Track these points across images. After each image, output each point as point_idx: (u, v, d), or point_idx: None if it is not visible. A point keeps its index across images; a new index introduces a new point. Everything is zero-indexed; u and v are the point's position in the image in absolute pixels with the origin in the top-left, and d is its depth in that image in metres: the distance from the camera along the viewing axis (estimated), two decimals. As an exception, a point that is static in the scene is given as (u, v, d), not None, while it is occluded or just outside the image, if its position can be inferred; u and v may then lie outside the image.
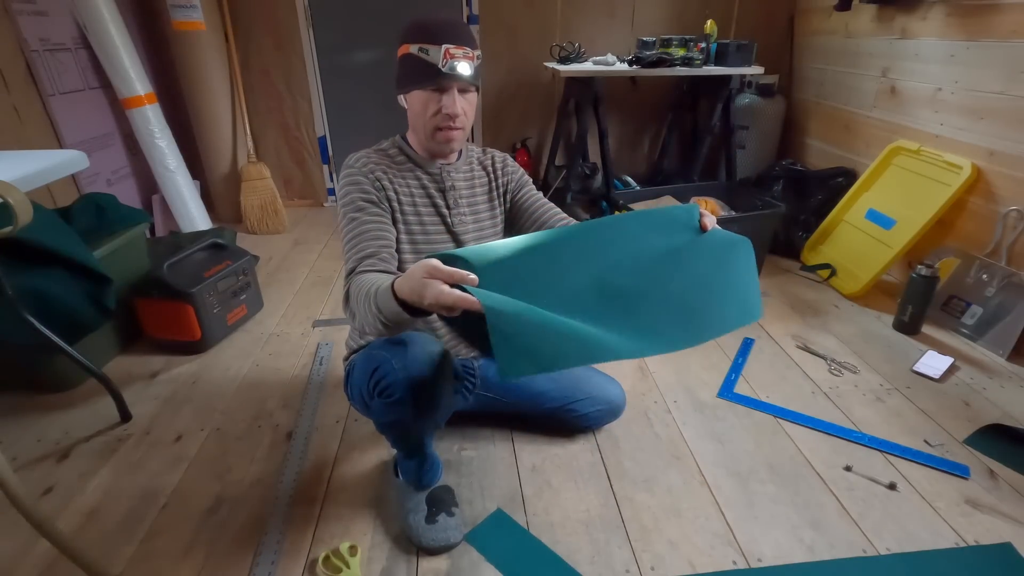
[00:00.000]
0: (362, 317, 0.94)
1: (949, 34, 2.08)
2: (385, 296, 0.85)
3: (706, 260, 0.92)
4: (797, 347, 1.88)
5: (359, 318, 0.96)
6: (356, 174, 1.12)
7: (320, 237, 2.91)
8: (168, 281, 1.75)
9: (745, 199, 2.51)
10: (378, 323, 0.90)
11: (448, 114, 1.08)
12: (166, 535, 1.20)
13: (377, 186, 1.13)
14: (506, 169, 1.29)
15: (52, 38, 2.25)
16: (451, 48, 1.03)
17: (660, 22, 3.13)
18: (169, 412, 1.59)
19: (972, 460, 1.38)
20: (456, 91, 1.07)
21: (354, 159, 1.15)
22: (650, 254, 0.89)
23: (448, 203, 1.20)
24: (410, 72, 1.08)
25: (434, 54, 1.03)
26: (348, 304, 1.01)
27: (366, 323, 0.93)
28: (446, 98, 1.07)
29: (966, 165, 1.97)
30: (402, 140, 1.21)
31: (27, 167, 1.24)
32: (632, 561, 1.13)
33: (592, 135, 2.98)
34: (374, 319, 0.90)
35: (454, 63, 1.03)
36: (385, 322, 0.89)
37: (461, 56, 1.04)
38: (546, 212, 1.27)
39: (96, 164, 2.45)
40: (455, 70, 1.04)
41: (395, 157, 1.19)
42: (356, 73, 3.13)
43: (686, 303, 0.87)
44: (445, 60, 1.03)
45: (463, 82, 1.07)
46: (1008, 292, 1.83)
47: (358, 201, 1.10)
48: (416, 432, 1.13)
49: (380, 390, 1.02)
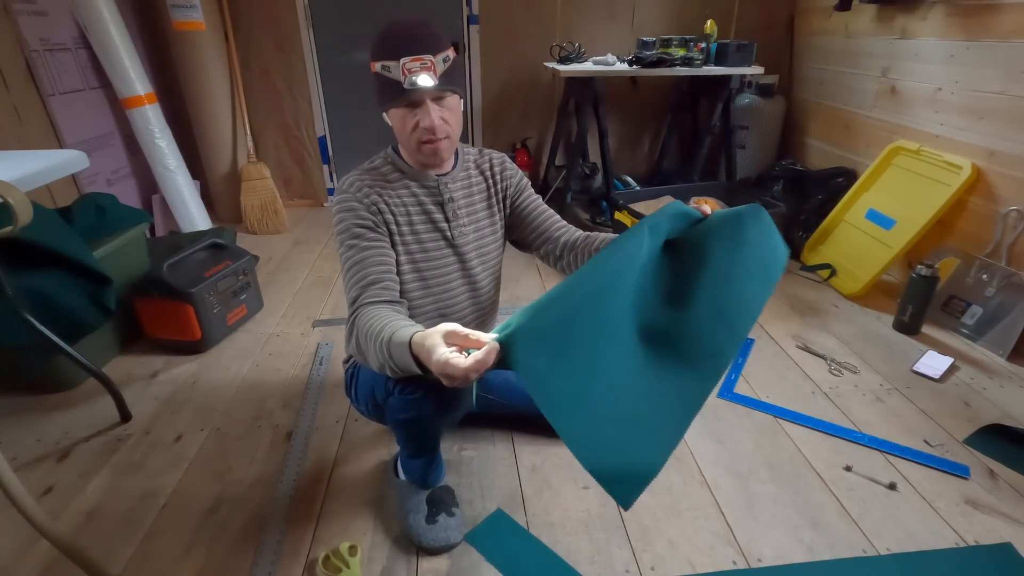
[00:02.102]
0: (371, 357, 0.91)
1: (949, 34, 2.08)
2: (400, 349, 0.82)
3: (721, 249, 0.87)
4: (797, 347, 1.88)
5: (366, 356, 0.93)
6: (351, 199, 1.08)
7: (320, 237, 2.91)
8: (168, 281, 1.75)
9: (745, 199, 2.51)
10: (387, 369, 0.88)
11: (426, 128, 1.03)
12: (166, 535, 1.20)
13: (373, 210, 1.08)
14: (505, 173, 1.25)
15: (52, 38, 2.25)
16: (407, 62, 0.98)
17: (660, 22, 3.13)
18: (169, 412, 1.59)
19: (972, 460, 1.38)
20: (430, 102, 1.02)
21: (347, 183, 1.10)
22: (672, 272, 0.86)
23: (447, 216, 1.16)
24: (381, 91, 1.04)
25: (395, 71, 0.99)
26: (352, 339, 0.97)
27: (373, 363, 0.91)
28: (420, 112, 1.03)
29: (966, 165, 1.97)
30: (394, 154, 1.16)
31: (27, 167, 1.24)
32: (632, 561, 1.13)
33: (592, 135, 2.98)
34: (383, 363, 0.87)
35: (413, 78, 0.98)
36: (395, 370, 0.86)
37: (419, 68, 0.98)
38: (545, 221, 1.25)
39: (96, 164, 2.45)
40: (416, 85, 0.98)
41: (388, 175, 1.14)
42: (356, 73, 3.13)
43: (721, 311, 0.83)
44: (404, 76, 0.98)
45: (433, 91, 1.01)
46: (1008, 292, 1.83)
47: (354, 228, 1.06)
48: (433, 430, 1.13)
49: (401, 387, 1.02)
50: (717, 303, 0.83)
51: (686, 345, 0.81)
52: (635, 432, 0.73)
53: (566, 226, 1.26)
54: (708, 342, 0.81)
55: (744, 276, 0.86)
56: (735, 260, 0.87)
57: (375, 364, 0.90)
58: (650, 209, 2.48)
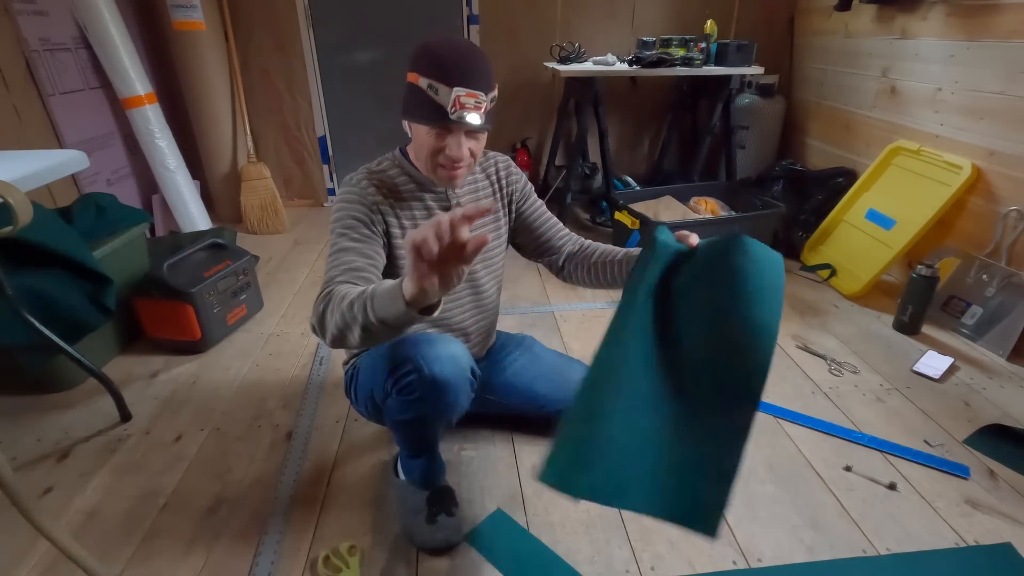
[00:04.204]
0: (340, 320, 0.84)
1: (949, 34, 2.08)
2: (389, 294, 0.76)
3: (714, 289, 0.81)
4: (797, 347, 1.88)
5: (334, 321, 0.86)
6: (354, 195, 1.06)
7: (320, 237, 2.91)
8: (168, 281, 1.75)
9: (745, 199, 2.52)
10: (356, 325, 0.82)
11: (450, 156, 1.01)
12: (166, 535, 1.20)
13: (374, 209, 1.06)
14: (510, 178, 1.24)
15: (52, 38, 2.25)
16: (462, 96, 0.93)
17: (660, 22, 3.13)
18: (169, 412, 1.59)
19: (972, 460, 1.38)
20: (463, 135, 1.00)
21: (354, 180, 1.08)
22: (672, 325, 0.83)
23: None
24: (417, 105, 0.98)
25: (443, 95, 0.94)
26: (320, 307, 0.90)
27: (336, 322, 0.85)
28: (451, 140, 0.99)
29: (966, 165, 1.97)
30: (403, 157, 1.13)
31: (27, 167, 1.24)
32: (632, 561, 1.13)
33: (592, 135, 2.98)
34: (354, 317, 0.81)
35: (463, 113, 0.94)
36: (368, 320, 0.80)
37: (472, 106, 0.95)
38: (549, 231, 1.25)
39: (96, 164, 2.45)
40: (463, 119, 0.95)
41: (396, 179, 1.11)
42: (356, 73, 3.13)
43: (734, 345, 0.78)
44: (455, 109, 0.94)
45: (469, 127, 0.98)
46: (1008, 292, 1.83)
47: (348, 219, 1.04)
48: (431, 431, 1.13)
49: (400, 387, 1.01)
50: (726, 339, 0.79)
51: (708, 388, 0.80)
52: (691, 474, 0.77)
53: (568, 235, 1.27)
54: (729, 378, 0.78)
55: (744, 306, 0.80)
56: (732, 294, 0.81)
57: (339, 323, 0.84)
58: (650, 209, 2.48)
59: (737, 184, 2.85)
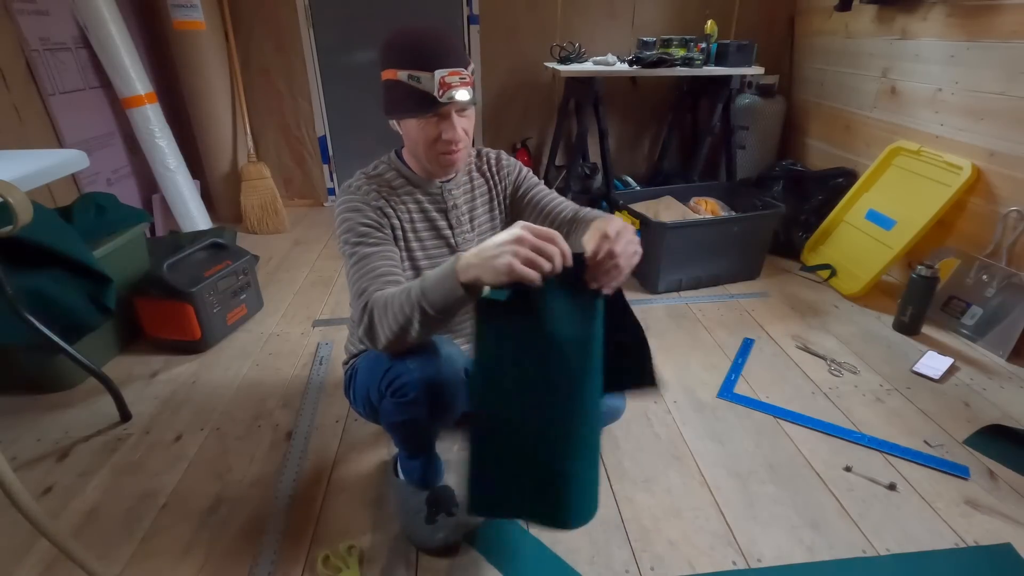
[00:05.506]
0: (393, 323, 0.89)
1: (949, 35, 2.08)
2: (443, 286, 0.83)
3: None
4: (797, 347, 1.88)
5: (387, 327, 0.91)
6: (357, 201, 1.06)
7: (320, 237, 2.91)
8: (168, 281, 1.75)
9: (745, 199, 2.51)
10: (415, 320, 0.87)
11: (449, 139, 1.01)
12: (166, 535, 1.20)
13: (380, 213, 1.07)
14: (502, 171, 1.24)
15: (52, 37, 2.25)
16: (445, 76, 0.94)
17: (660, 22, 3.13)
18: (169, 412, 1.59)
19: (972, 460, 1.38)
20: (455, 115, 1.00)
21: (353, 186, 1.09)
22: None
23: (451, 223, 1.16)
24: (402, 100, 0.99)
25: (427, 82, 0.94)
26: (364, 318, 0.94)
27: (392, 326, 0.90)
28: (445, 124, 1.00)
29: (966, 165, 1.97)
30: (398, 159, 1.14)
31: (27, 167, 1.24)
32: (632, 561, 1.13)
33: (592, 135, 2.98)
34: (411, 312, 0.87)
35: (452, 92, 0.95)
36: (426, 312, 0.85)
37: (458, 83, 0.96)
38: (549, 203, 1.21)
39: (96, 164, 2.45)
40: (453, 99, 0.96)
41: (392, 181, 1.12)
42: (356, 73, 3.13)
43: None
44: (442, 91, 0.94)
45: (464, 105, 1.00)
46: (1008, 293, 1.83)
47: (359, 227, 1.04)
48: (427, 433, 1.13)
49: (394, 389, 1.01)
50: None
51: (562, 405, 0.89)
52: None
53: (570, 204, 1.21)
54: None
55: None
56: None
57: (393, 327, 0.90)
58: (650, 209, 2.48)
59: (737, 184, 2.84)
